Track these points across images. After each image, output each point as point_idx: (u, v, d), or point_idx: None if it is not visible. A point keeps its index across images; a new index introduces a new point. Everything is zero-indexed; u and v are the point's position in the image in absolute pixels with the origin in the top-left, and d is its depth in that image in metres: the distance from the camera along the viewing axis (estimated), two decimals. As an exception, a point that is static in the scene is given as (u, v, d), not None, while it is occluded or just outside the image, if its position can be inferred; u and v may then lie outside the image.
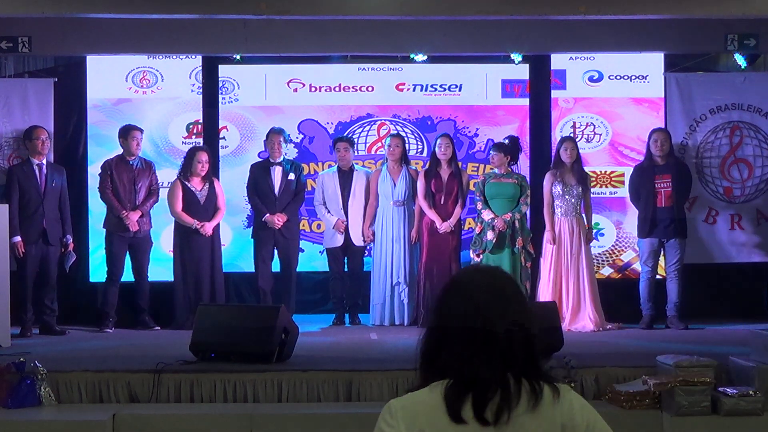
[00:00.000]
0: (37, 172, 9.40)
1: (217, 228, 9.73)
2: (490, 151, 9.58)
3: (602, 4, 8.40)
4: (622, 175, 10.34)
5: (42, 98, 10.14)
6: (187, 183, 9.65)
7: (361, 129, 10.59)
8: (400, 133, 10.25)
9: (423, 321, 9.51)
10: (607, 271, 10.43)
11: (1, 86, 10.25)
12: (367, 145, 10.57)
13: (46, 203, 9.32)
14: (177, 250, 9.71)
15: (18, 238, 9.05)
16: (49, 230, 9.32)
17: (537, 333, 2.61)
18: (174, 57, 10.35)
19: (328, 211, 9.89)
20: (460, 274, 2.81)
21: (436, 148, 9.70)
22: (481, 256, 9.32)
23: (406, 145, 10.09)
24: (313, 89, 10.56)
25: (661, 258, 9.74)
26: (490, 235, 9.28)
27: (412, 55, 10.09)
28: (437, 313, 2.67)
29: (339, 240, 9.87)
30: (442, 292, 2.69)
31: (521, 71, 10.47)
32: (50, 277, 9.39)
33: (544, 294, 9.32)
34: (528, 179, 9.83)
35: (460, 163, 10.02)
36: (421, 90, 10.60)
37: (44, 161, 9.46)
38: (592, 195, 9.75)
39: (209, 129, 10.39)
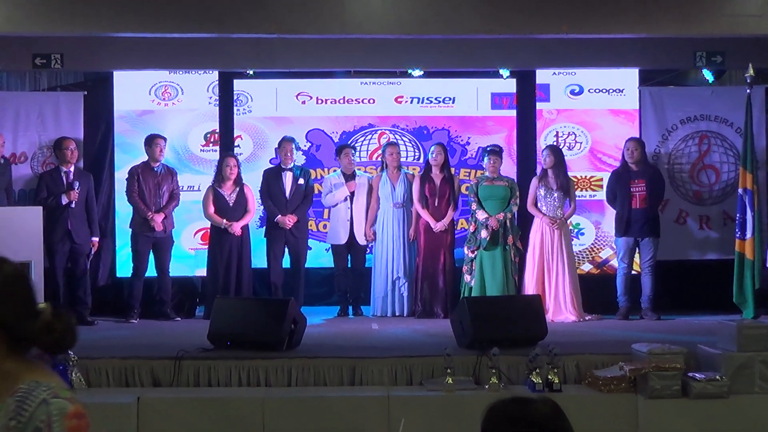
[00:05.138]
0: (63, 178, 9.41)
1: (246, 228, 9.75)
2: (489, 156, 9.55)
3: (582, 24, 8.42)
4: (601, 179, 10.35)
5: (73, 110, 10.14)
6: (218, 188, 9.68)
7: (363, 138, 10.60)
8: (397, 141, 10.29)
9: (419, 313, 9.55)
10: (587, 267, 10.44)
11: (36, 99, 10.25)
12: (369, 152, 10.58)
13: (71, 206, 9.33)
14: (210, 248, 9.76)
15: None
16: (74, 230, 9.32)
17: None
18: (193, 72, 10.36)
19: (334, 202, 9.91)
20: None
21: (429, 155, 9.75)
22: (476, 252, 9.35)
23: (402, 152, 10.15)
24: (319, 101, 10.57)
25: (636, 255, 9.75)
26: (484, 234, 9.31)
27: (409, 71, 10.10)
28: None
29: (343, 237, 9.88)
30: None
31: (509, 85, 10.47)
32: (80, 273, 9.40)
33: (530, 288, 9.34)
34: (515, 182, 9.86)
35: (453, 169, 10.04)
36: (418, 102, 10.60)
37: (72, 168, 9.46)
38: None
39: (225, 138, 10.40)
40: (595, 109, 10.54)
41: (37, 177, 9.73)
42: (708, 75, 10.34)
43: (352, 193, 9.86)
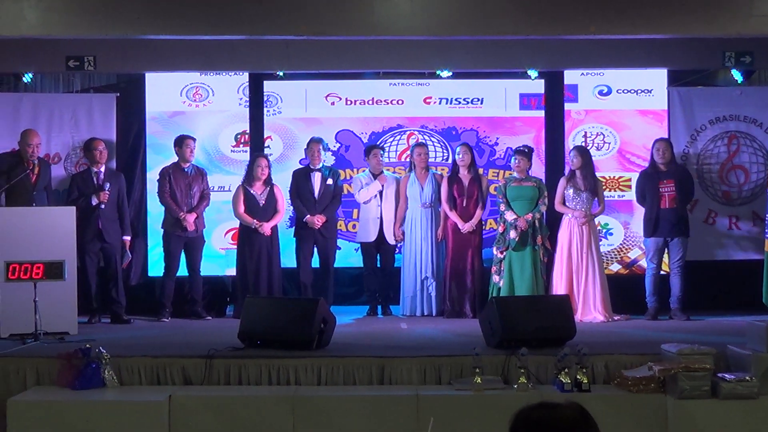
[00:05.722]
0: (94, 178, 9.47)
1: (275, 228, 9.76)
2: (516, 156, 9.53)
3: (610, 24, 8.36)
4: (630, 180, 10.29)
5: (105, 111, 10.22)
6: (249, 188, 9.70)
7: (392, 138, 10.59)
8: (426, 142, 10.28)
9: (448, 313, 9.52)
10: (615, 267, 10.38)
11: (69, 101, 10.33)
12: (398, 153, 10.57)
13: (101, 207, 9.37)
14: (239, 247, 9.78)
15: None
16: (105, 230, 9.37)
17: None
18: (223, 74, 10.40)
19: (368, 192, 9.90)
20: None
21: (456, 156, 9.73)
22: (505, 253, 9.32)
23: (431, 153, 10.15)
24: (348, 102, 10.57)
25: (665, 255, 9.68)
26: (512, 234, 9.27)
27: (438, 72, 10.07)
28: None
29: (372, 235, 9.87)
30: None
31: (537, 86, 10.43)
32: (112, 272, 9.45)
33: (558, 288, 9.29)
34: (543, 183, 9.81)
35: (481, 170, 10.03)
36: (447, 103, 10.59)
37: (102, 168, 9.51)
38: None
39: (255, 139, 10.44)
40: (624, 110, 10.48)
41: (69, 177, 9.80)
42: (737, 75, 10.25)
43: (383, 186, 9.86)
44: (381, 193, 9.89)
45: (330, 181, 9.85)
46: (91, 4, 8.14)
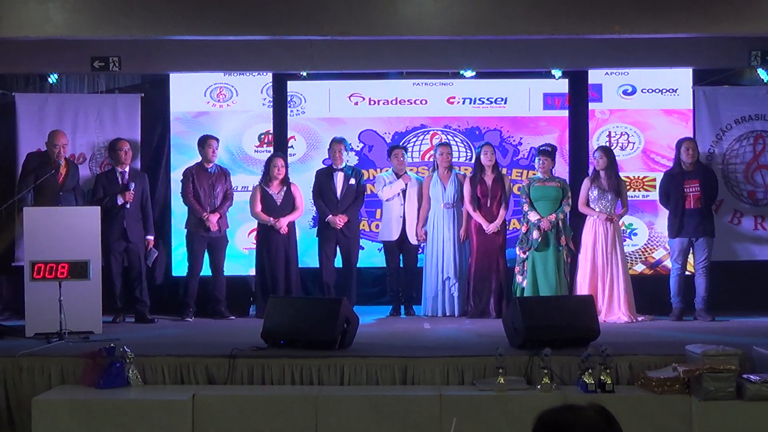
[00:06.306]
0: (119, 178, 9.51)
1: (293, 227, 9.77)
2: (540, 157, 9.50)
3: (635, 23, 8.32)
4: (654, 180, 10.23)
5: (130, 112, 10.26)
6: (266, 188, 9.72)
7: (415, 138, 10.58)
8: (449, 141, 10.26)
9: (471, 313, 9.50)
10: (640, 268, 10.33)
11: (94, 101, 10.39)
12: (421, 153, 10.56)
13: (126, 206, 9.41)
14: (258, 247, 9.80)
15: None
16: (129, 230, 9.42)
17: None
18: (247, 74, 10.42)
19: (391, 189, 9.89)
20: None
21: (481, 156, 9.69)
22: (528, 253, 9.29)
23: (454, 153, 10.13)
24: (372, 102, 10.58)
25: (690, 255, 9.63)
26: (536, 234, 9.24)
27: (461, 71, 10.06)
28: None
29: (395, 233, 9.86)
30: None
31: (561, 85, 10.40)
32: (136, 271, 9.50)
33: (582, 288, 9.25)
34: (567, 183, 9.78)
35: (504, 170, 10.00)
36: (470, 103, 10.57)
37: (127, 169, 9.56)
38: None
39: (279, 139, 10.45)
40: (648, 109, 10.43)
41: (94, 177, 9.86)
42: (763, 74, 10.17)
43: (407, 185, 9.84)
44: (404, 192, 9.89)
45: (353, 181, 9.86)
46: (116, 6, 8.18)
